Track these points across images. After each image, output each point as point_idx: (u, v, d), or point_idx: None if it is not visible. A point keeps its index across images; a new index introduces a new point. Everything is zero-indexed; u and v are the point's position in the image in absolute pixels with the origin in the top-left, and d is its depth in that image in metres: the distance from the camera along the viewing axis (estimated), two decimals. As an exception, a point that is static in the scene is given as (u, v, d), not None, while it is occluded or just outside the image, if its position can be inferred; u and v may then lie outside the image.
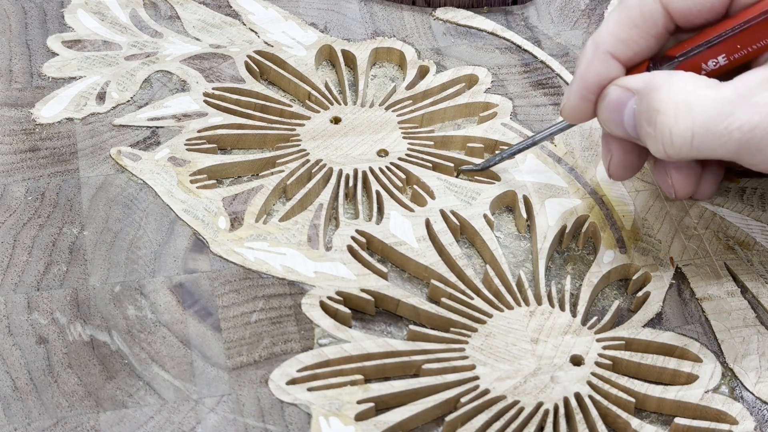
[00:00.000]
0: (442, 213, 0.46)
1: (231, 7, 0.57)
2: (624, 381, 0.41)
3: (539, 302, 0.43)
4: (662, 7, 0.41)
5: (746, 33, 0.39)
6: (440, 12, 0.58)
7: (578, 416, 0.39)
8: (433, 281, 0.44)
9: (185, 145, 0.49)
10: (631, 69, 0.42)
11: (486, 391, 0.40)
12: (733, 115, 0.37)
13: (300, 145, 0.49)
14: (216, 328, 0.42)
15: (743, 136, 0.37)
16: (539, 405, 0.40)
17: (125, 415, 0.39)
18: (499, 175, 0.48)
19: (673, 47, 0.42)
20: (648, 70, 0.42)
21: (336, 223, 0.46)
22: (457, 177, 0.48)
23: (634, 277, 0.45)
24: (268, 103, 0.51)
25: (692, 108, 0.38)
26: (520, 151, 0.47)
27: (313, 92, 0.52)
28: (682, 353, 0.42)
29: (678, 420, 0.40)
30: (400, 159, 0.49)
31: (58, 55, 0.53)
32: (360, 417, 0.39)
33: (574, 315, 0.43)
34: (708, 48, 0.40)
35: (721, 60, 0.40)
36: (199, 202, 0.47)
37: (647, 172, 0.49)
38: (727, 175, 0.49)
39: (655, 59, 0.42)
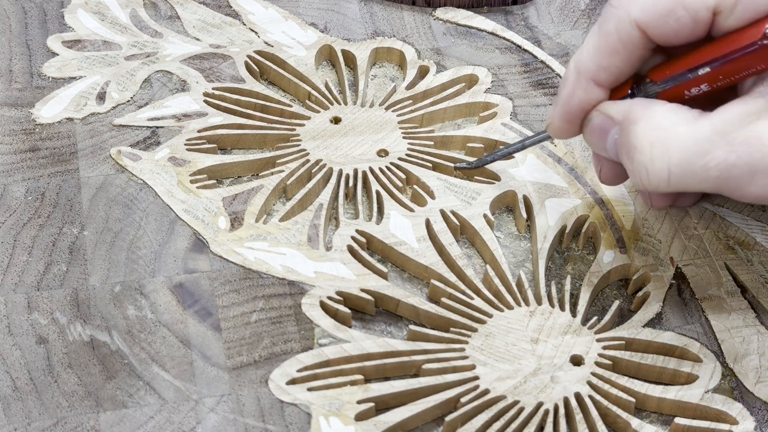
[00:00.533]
0: (442, 213, 0.46)
1: (231, 7, 0.57)
2: (624, 381, 0.41)
3: (539, 302, 0.43)
4: (640, 32, 0.40)
5: (730, 65, 0.39)
6: (440, 12, 0.58)
7: (578, 416, 0.39)
8: (433, 281, 0.44)
9: (185, 145, 0.49)
10: (614, 90, 0.42)
11: (486, 391, 0.40)
12: (709, 154, 0.37)
13: (300, 145, 0.49)
14: (216, 328, 0.42)
15: (721, 174, 0.37)
16: (539, 405, 0.40)
17: (125, 415, 0.39)
18: (499, 175, 0.48)
19: (656, 68, 0.41)
20: (630, 92, 0.41)
21: (336, 223, 0.46)
22: (455, 172, 0.48)
23: (634, 277, 0.45)
24: (268, 103, 0.51)
25: (668, 147, 0.38)
26: (515, 151, 0.47)
27: (313, 92, 0.52)
28: (682, 353, 0.42)
29: (678, 420, 0.40)
30: (400, 159, 0.49)
31: (58, 55, 0.53)
32: (360, 417, 0.39)
33: (574, 315, 0.43)
34: (690, 80, 0.40)
35: (704, 87, 0.40)
36: (199, 202, 0.47)
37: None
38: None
39: (638, 80, 0.41)
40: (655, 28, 0.39)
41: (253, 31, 0.56)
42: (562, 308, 0.43)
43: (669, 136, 0.38)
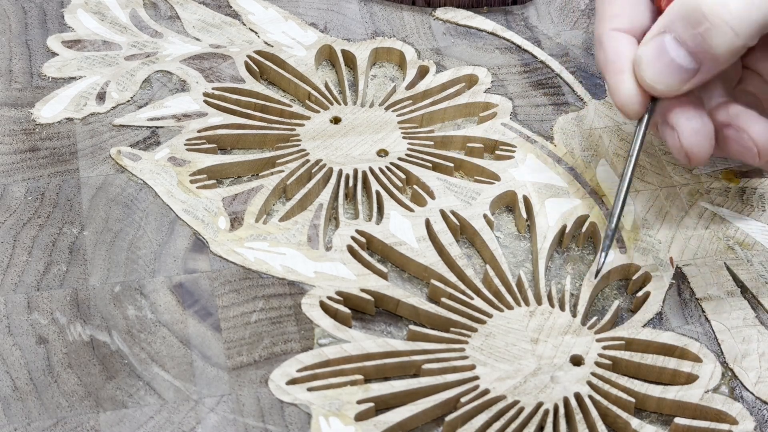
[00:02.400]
0: (442, 213, 0.46)
1: (231, 7, 0.57)
2: (624, 381, 0.41)
3: (539, 302, 0.43)
4: None
5: None
6: (440, 12, 0.58)
7: (578, 416, 0.39)
8: (433, 281, 0.44)
9: (185, 145, 0.49)
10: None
11: (486, 391, 0.40)
12: None
13: (300, 145, 0.49)
14: (216, 328, 0.42)
15: None
16: (539, 405, 0.40)
17: (125, 415, 0.39)
18: (499, 175, 0.48)
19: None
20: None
21: (336, 223, 0.46)
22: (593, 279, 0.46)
23: (634, 277, 0.45)
24: (268, 103, 0.51)
25: None
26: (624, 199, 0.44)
27: (313, 92, 0.52)
28: (682, 353, 0.42)
29: (678, 420, 0.40)
30: (400, 159, 0.49)
31: (58, 55, 0.53)
32: (360, 417, 0.39)
33: (574, 315, 0.43)
34: None
35: None
36: (199, 202, 0.47)
37: (647, 172, 0.49)
38: (726, 174, 0.49)
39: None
40: None
41: (253, 31, 0.56)
42: (562, 308, 0.43)
43: None
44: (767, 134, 0.42)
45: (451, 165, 0.49)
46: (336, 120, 0.51)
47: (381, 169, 0.48)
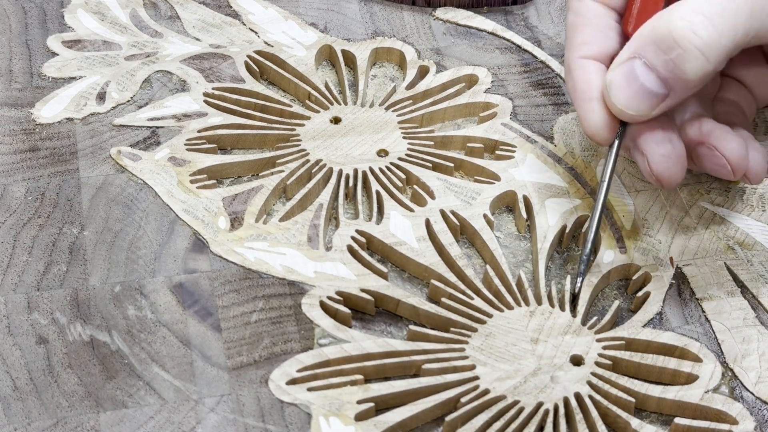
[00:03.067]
0: (442, 213, 0.46)
1: (231, 7, 0.57)
2: (624, 381, 0.41)
3: (539, 302, 0.43)
4: (591, 0, 0.44)
5: None
6: (440, 12, 0.58)
7: (578, 416, 0.39)
8: (433, 281, 0.44)
9: (185, 145, 0.49)
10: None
11: (486, 391, 0.40)
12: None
13: (300, 145, 0.49)
14: (216, 328, 0.42)
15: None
16: (539, 405, 0.40)
17: (125, 415, 0.39)
18: (499, 175, 0.48)
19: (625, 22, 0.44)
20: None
21: (336, 223, 0.46)
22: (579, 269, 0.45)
23: (634, 277, 0.45)
24: (268, 103, 0.51)
25: (692, 7, 0.39)
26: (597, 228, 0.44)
27: (313, 92, 0.52)
28: (682, 353, 0.42)
29: (678, 420, 0.40)
30: (400, 159, 0.49)
31: (58, 55, 0.53)
32: (360, 417, 0.39)
33: (574, 315, 0.43)
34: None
35: None
36: (199, 202, 0.47)
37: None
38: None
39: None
40: None
41: (253, 31, 0.56)
42: (562, 308, 0.43)
43: (693, 11, 0.39)
44: (740, 152, 0.43)
45: (451, 165, 0.49)
46: (336, 120, 0.51)
47: (381, 169, 0.48)
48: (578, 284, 0.43)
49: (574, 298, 0.43)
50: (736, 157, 0.43)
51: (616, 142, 0.43)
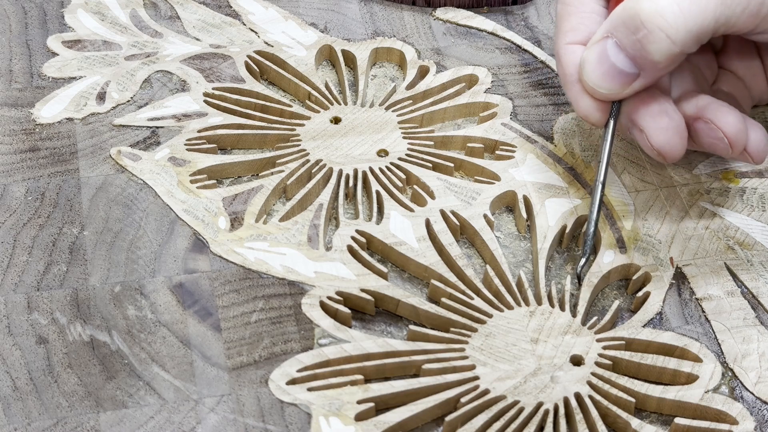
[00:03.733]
0: (442, 213, 0.46)
1: (231, 7, 0.57)
2: (624, 381, 0.41)
3: (539, 302, 0.43)
4: None
5: None
6: (440, 12, 0.58)
7: (578, 416, 0.39)
8: (433, 281, 0.44)
9: (185, 145, 0.49)
10: None
11: (486, 391, 0.40)
12: None
13: (300, 145, 0.49)
14: (216, 328, 0.42)
15: None
16: (539, 405, 0.40)
17: (125, 415, 0.39)
18: (499, 175, 0.48)
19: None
20: None
21: (336, 223, 0.46)
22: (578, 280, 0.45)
23: (634, 277, 0.45)
24: (268, 103, 0.51)
25: None
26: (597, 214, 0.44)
27: (313, 92, 0.52)
28: (682, 353, 0.42)
29: (678, 420, 0.40)
30: (400, 159, 0.49)
31: (58, 55, 0.53)
32: (360, 417, 0.39)
33: (574, 315, 0.43)
34: None
35: None
36: (199, 202, 0.47)
37: (647, 172, 0.49)
38: (726, 174, 0.49)
39: None
40: None
41: (253, 31, 0.56)
42: (562, 308, 0.43)
43: None
44: (737, 125, 0.43)
45: (452, 165, 0.49)
46: (336, 120, 0.51)
47: (381, 169, 0.48)
48: (581, 264, 0.43)
49: (579, 279, 0.43)
50: (733, 131, 0.43)
51: (611, 122, 0.43)
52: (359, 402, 0.39)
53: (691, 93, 0.44)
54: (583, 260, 0.44)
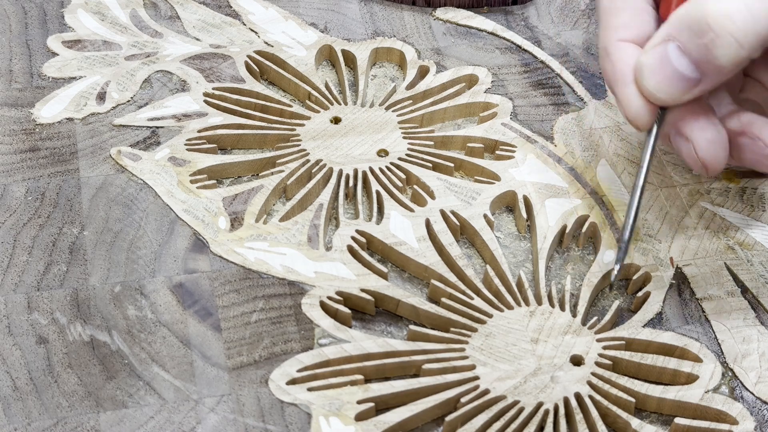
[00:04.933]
0: (442, 213, 0.46)
1: (231, 7, 0.57)
2: (624, 381, 0.41)
3: (539, 302, 0.43)
4: None
5: None
6: (440, 12, 0.58)
7: (578, 416, 0.39)
8: (433, 281, 0.44)
9: (185, 145, 0.49)
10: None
11: (486, 391, 0.40)
12: None
13: (300, 145, 0.49)
14: (216, 328, 0.42)
15: None
16: (539, 405, 0.40)
17: (125, 415, 0.39)
18: (499, 175, 0.48)
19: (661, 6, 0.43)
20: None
21: (336, 223, 0.46)
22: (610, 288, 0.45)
23: (634, 277, 0.45)
24: (268, 103, 0.51)
25: None
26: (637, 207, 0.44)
27: (313, 92, 0.52)
28: (682, 353, 0.42)
29: (678, 420, 0.40)
30: (400, 159, 0.49)
31: (58, 55, 0.53)
32: (360, 417, 0.39)
33: (574, 315, 0.43)
34: None
35: None
36: (199, 202, 0.47)
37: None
38: (726, 174, 0.49)
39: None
40: None
41: (253, 31, 0.56)
42: (562, 308, 0.43)
43: None
44: None
45: (452, 165, 0.49)
46: (336, 120, 0.51)
47: (381, 169, 0.48)
48: (616, 271, 0.43)
49: (612, 283, 0.43)
50: None
51: (655, 128, 0.43)
52: (359, 402, 0.39)
53: (733, 108, 0.44)
54: (617, 266, 0.43)
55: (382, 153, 0.49)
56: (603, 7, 0.44)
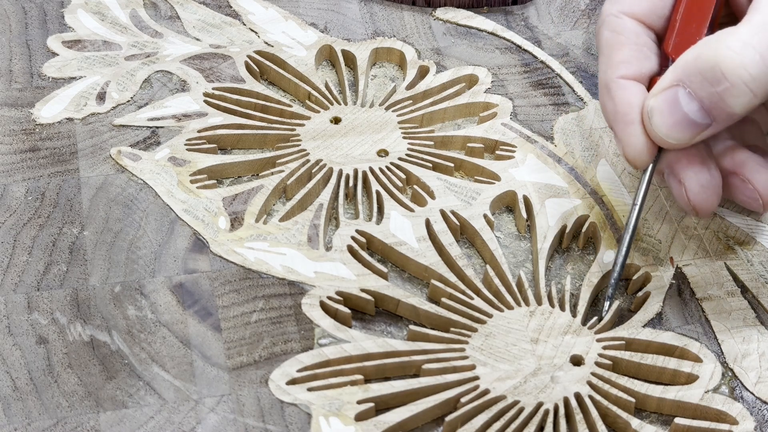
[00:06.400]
0: (442, 213, 0.46)
1: (231, 7, 0.57)
2: (624, 381, 0.41)
3: (539, 302, 0.43)
4: (630, 18, 0.43)
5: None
6: (440, 12, 0.58)
7: (578, 416, 0.39)
8: (433, 281, 0.44)
9: (185, 145, 0.49)
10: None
11: (486, 391, 0.40)
12: None
13: (300, 145, 0.49)
14: (216, 328, 0.42)
15: None
16: (539, 405, 0.40)
17: (125, 415, 0.39)
18: (499, 175, 0.48)
19: (672, 46, 0.43)
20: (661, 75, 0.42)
21: (336, 223, 0.46)
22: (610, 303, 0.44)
23: (634, 277, 0.45)
24: (268, 103, 0.51)
25: (742, 40, 0.38)
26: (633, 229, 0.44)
27: (313, 92, 0.52)
28: (682, 353, 0.42)
29: (678, 420, 0.40)
30: (400, 159, 0.49)
31: (58, 55, 0.53)
32: (360, 417, 0.39)
33: (574, 315, 0.43)
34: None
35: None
36: (199, 202, 0.47)
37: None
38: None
39: (662, 71, 0.43)
40: (637, 8, 0.43)
41: (253, 31, 0.56)
42: (562, 308, 0.43)
43: (735, 37, 0.38)
44: None
45: (452, 165, 0.49)
46: (336, 120, 0.51)
47: (381, 169, 0.48)
48: (606, 309, 0.43)
49: (600, 321, 0.43)
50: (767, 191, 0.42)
51: (650, 166, 0.43)
52: (359, 402, 0.39)
53: (728, 145, 0.44)
54: (607, 304, 0.43)
55: (382, 153, 0.49)
56: (604, 42, 0.44)
